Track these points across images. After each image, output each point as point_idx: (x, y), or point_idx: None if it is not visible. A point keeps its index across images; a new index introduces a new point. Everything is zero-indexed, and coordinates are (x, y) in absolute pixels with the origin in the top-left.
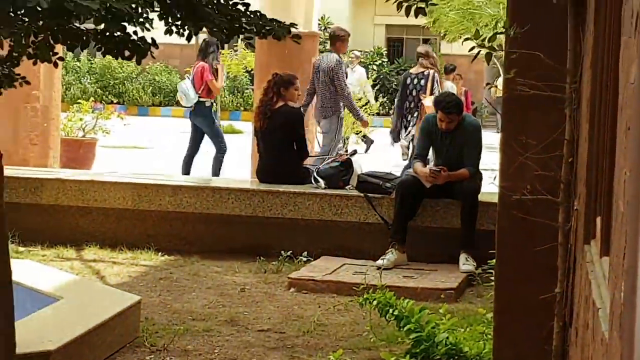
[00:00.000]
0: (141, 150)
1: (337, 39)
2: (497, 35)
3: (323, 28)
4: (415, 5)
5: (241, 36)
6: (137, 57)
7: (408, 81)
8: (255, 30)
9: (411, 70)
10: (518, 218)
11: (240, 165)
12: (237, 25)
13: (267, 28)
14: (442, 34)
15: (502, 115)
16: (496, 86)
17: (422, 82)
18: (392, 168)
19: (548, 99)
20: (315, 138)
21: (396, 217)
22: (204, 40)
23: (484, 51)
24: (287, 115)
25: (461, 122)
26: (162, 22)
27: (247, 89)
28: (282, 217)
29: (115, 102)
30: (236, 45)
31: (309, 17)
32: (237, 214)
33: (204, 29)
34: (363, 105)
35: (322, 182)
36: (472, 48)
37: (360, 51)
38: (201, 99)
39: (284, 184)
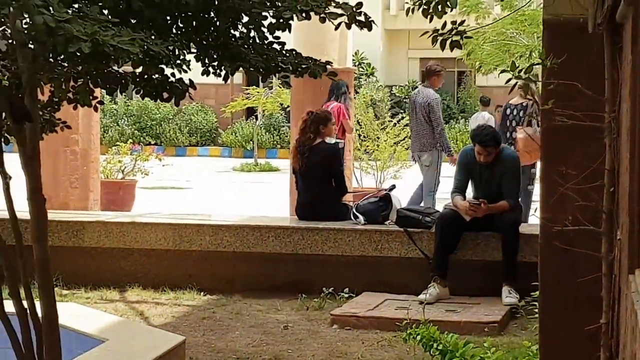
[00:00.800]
0: (180, 190)
1: (433, 74)
2: (534, 66)
3: (357, 64)
4: (450, 39)
5: (277, 74)
6: (175, 99)
7: (508, 112)
8: (291, 68)
9: (511, 101)
10: (560, 249)
11: (278, 203)
12: (273, 64)
13: (303, 66)
14: (477, 66)
15: (541, 146)
16: (535, 117)
17: (521, 113)
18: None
19: (587, 129)
20: (352, 174)
21: (437, 251)
22: (334, 81)
23: (520, 82)
24: (325, 152)
25: (499, 154)
26: (199, 63)
27: (282, 126)
28: (323, 254)
29: (152, 143)
30: (271, 83)
31: (343, 53)
32: (278, 251)
33: (241, 69)
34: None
35: (361, 218)
36: (509, 80)
37: (395, 86)
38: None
39: (324, 221)
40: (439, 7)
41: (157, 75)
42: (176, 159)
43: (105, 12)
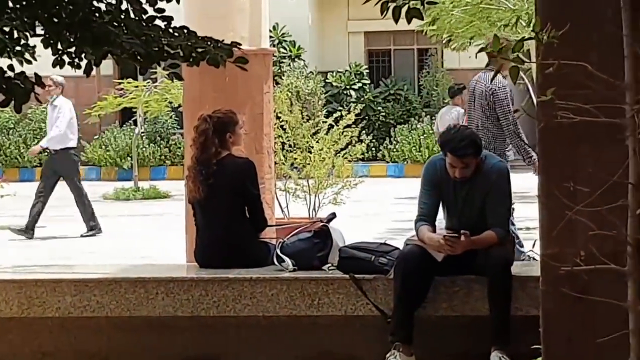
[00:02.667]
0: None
1: None
2: (524, 41)
3: (277, 42)
4: (406, 5)
5: (162, 63)
6: (15, 102)
7: None
8: (181, 54)
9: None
10: (570, 298)
11: (170, 244)
12: (157, 48)
13: (199, 50)
14: (444, 41)
15: (539, 153)
16: (525, 112)
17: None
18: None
19: (601, 128)
20: (275, 199)
21: (398, 306)
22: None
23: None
24: (235, 170)
25: (480, 165)
26: (49, 49)
27: (174, 134)
28: (236, 316)
29: None
30: (155, 74)
31: (257, 28)
32: (171, 314)
33: (109, 56)
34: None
35: (289, 262)
36: (489, 61)
37: (332, 72)
38: None
39: (235, 268)
40: None
41: None
42: (20, 186)
43: None
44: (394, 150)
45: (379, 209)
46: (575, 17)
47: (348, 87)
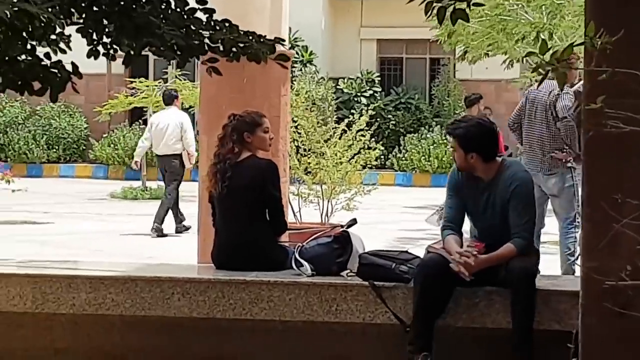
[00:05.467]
0: (35, 226)
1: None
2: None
3: (290, 47)
4: (452, 6)
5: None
6: (52, 92)
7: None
8: (222, 48)
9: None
10: (613, 313)
11: (181, 244)
12: (197, 42)
13: (242, 45)
14: (461, 52)
15: (584, 163)
16: (572, 119)
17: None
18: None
19: None
20: (287, 204)
21: (417, 315)
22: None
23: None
24: (255, 172)
25: (501, 169)
26: (83, 38)
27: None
28: (252, 319)
29: None
30: (166, 74)
31: (276, 30)
32: (186, 315)
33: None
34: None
35: (307, 267)
36: (536, 67)
37: (343, 78)
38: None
39: (253, 270)
40: None
41: (24, 57)
42: (29, 181)
43: None
44: (403, 159)
45: (387, 218)
46: (628, 23)
47: (359, 94)
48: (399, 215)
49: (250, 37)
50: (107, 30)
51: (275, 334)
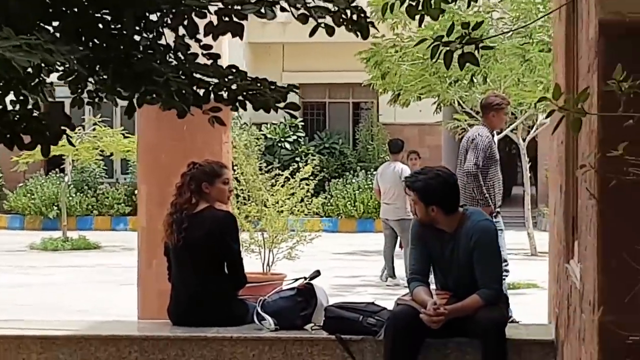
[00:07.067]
0: None
1: (490, 109)
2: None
3: None
4: (460, 50)
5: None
6: (43, 146)
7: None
8: (227, 96)
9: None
10: None
11: (108, 297)
12: (204, 90)
13: (252, 93)
14: (394, 95)
15: (599, 213)
16: (592, 167)
17: None
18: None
19: None
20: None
21: None
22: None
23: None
24: (213, 223)
25: (463, 221)
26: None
27: (102, 183)
28: None
29: None
30: (84, 119)
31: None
32: None
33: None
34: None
35: (270, 321)
36: (550, 112)
37: (266, 124)
38: None
39: (212, 326)
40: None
41: (17, 107)
42: None
43: None
44: (329, 204)
45: (319, 265)
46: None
47: (283, 139)
48: (331, 262)
49: (259, 85)
50: (102, 75)
51: None
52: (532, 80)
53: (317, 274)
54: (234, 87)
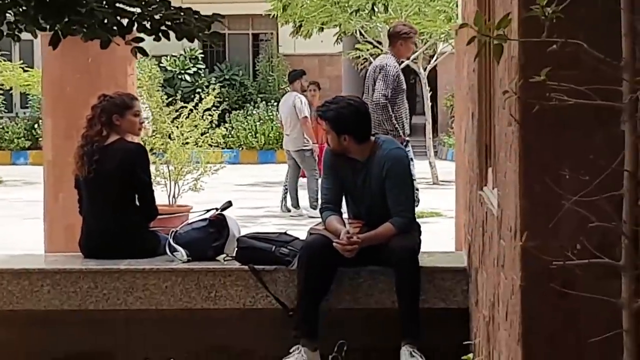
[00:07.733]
0: None
1: (398, 37)
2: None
3: None
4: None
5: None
6: None
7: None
8: (150, 26)
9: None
10: (554, 294)
11: (21, 232)
12: (129, 20)
13: (176, 22)
14: (296, 26)
15: (521, 138)
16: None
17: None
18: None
19: (589, 112)
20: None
21: (301, 299)
22: None
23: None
24: (124, 155)
25: (375, 149)
26: None
27: (1, 117)
28: (127, 309)
29: None
30: None
31: None
32: (57, 308)
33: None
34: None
35: (182, 252)
36: (472, 39)
37: (166, 56)
38: None
39: (124, 258)
40: None
41: None
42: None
43: None
44: (230, 136)
45: (223, 197)
46: None
47: (183, 71)
48: (234, 194)
49: (183, 14)
50: (22, 8)
51: (151, 323)
52: (433, 10)
53: (228, 204)
54: (157, 17)
